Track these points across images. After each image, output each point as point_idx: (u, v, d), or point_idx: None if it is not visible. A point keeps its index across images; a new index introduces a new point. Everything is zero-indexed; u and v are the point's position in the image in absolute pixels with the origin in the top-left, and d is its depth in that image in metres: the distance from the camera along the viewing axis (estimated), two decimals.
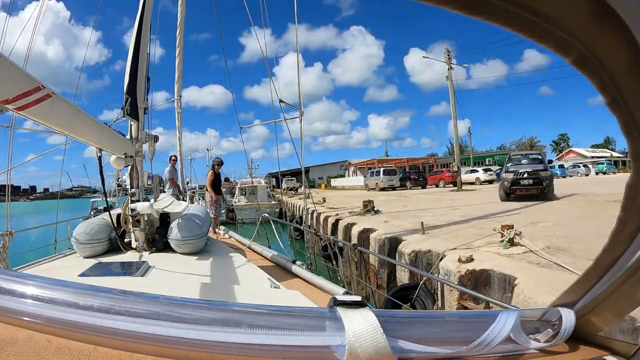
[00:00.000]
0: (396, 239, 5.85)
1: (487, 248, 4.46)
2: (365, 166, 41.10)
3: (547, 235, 5.06)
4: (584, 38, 0.35)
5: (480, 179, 26.96)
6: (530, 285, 3.06)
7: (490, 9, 0.32)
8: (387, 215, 9.10)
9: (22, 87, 1.52)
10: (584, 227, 5.66)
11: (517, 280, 3.27)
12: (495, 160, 39.65)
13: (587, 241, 4.47)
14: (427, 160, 43.35)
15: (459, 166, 20.90)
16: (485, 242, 4.72)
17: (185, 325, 0.51)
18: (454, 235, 5.56)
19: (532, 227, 5.85)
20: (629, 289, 0.55)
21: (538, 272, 3.43)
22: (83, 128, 2.41)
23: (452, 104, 20.74)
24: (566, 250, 4.06)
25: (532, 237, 4.68)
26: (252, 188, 22.69)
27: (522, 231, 4.57)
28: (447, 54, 21.09)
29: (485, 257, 4.02)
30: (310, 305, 2.05)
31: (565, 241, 4.57)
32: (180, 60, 6.38)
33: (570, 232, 5.26)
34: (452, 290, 3.79)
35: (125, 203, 3.33)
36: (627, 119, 0.38)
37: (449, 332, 0.63)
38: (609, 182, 18.32)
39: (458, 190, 19.06)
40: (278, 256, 4.21)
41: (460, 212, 8.83)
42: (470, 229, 6.09)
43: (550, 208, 8.56)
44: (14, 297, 0.52)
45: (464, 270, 3.74)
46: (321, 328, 0.54)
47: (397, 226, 7.08)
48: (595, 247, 2.86)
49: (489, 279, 3.57)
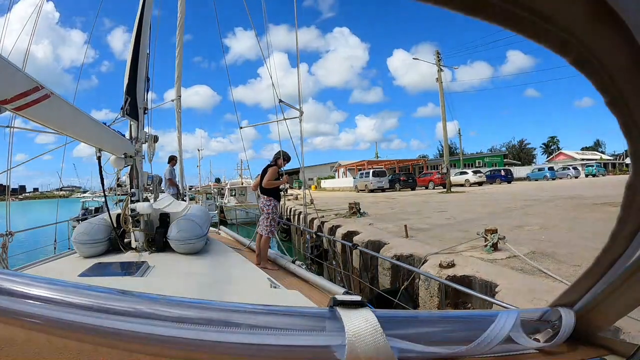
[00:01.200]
0: (379, 243, 5.75)
1: (470, 253, 4.38)
2: (355, 167, 41.11)
3: (532, 239, 5.03)
4: (584, 38, 0.35)
5: (470, 181, 27.08)
6: (511, 293, 2.98)
7: (490, 8, 0.32)
8: (373, 218, 9.08)
9: (21, 87, 1.52)
10: (570, 230, 5.65)
11: (498, 287, 3.19)
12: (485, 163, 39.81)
13: (573, 246, 4.44)
14: (417, 162, 43.32)
15: (448, 168, 20.99)
16: (469, 246, 4.64)
17: (185, 325, 0.51)
18: (438, 239, 5.50)
19: (518, 230, 5.83)
20: (629, 288, 0.55)
21: (521, 279, 3.35)
22: (82, 128, 2.42)
23: (441, 106, 20.76)
24: (551, 256, 4.01)
25: (517, 241, 4.63)
26: (242, 189, 22.79)
27: (507, 235, 4.51)
28: (437, 55, 21.04)
29: (468, 262, 3.95)
30: (310, 305, 2.05)
31: (550, 245, 4.53)
32: (180, 60, 6.39)
33: (556, 236, 5.24)
34: (433, 296, 3.75)
35: (125, 203, 3.33)
36: (627, 118, 0.38)
37: (449, 332, 0.63)
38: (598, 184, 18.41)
39: (447, 192, 19.15)
40: (278, 256, 4.21)
41: (446, 214, 8.83)
42: (455, 232, 6.03)
43: (537, 211, 8.57)
44: (14, 297, 0.52)
45: (444, 276, 3.65)
46: (321, 328, 0.54)
47: (382, 229, 7.03)
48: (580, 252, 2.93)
49: (470, 285, 3.47)
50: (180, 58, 6.36)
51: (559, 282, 3.16)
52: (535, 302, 2.70)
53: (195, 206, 4.52)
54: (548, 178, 30.53)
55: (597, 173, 33.48)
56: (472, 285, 3.48)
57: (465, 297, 3.52)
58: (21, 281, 0.55)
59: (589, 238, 4.84)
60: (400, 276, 4.71)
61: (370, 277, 5.51)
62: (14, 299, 0.52)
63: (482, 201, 11.90)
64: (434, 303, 3.74)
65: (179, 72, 6.39)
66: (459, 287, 2.77)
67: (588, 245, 4.35)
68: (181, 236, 3.24)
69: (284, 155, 4.38)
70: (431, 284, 3.80)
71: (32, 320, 0.50)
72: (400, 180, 28.05)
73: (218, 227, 6.94)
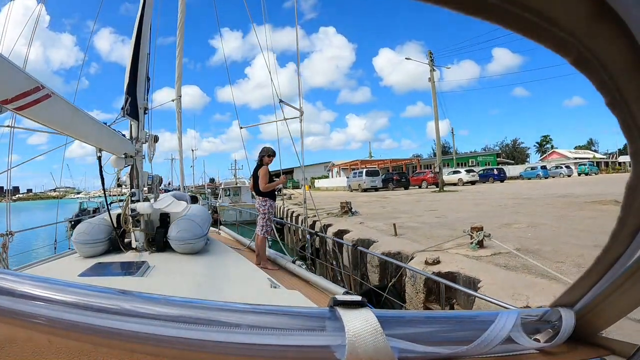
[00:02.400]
0: (368, 241, 5.85)
1: (456, 250, 4.46)
2: (348, 167, 41.29)
3: (519, 236, 5.08)
4: (584, 38, 0.35)
5: (463, 180, 27.21)
6: (492, 288, 3.07)
7: (490, 8, 0.32)
8: (364, 217, 9.13)
9: (22, 86, 1.52)
10: (557, 228, 5.68)
11: (480, 283, 3.28)
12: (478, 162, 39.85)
13: (558, 243, 4.48)
14: (410, 162, 43.46)
15: (440, 167, 21.05)
16: (456, 243, 4.72)
17: (185, 325, 0.51)
18: (427, 237, 5.56)
19: (505, 228, 5.88)
20: (629, 288, 0.55)
21: (503, 274, 3.44)
22: (83, 128, 2.42)
23: (434, 106, 20.83)
24: (535, 252, 4.06)
25: (504, 238, 4.68)
26: (235, 189, 22.76)
27: (494, 233, 4.56)
28: (429, 56, 21.09)
29: (453, 259, 4.02)
30: (310, 305, 2.05)
31: (536, 243, 4.58)
32: (180, 60, 6.40)
33: (543, 233, 5.28)
34: (419, 292, 3.84)
35: (125, 203, 3.34)
36: (627, 118, 0.38)
37: (449, 332, 0.63)
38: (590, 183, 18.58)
39: (440, 191, 19.21)
40: (278, 256, 4.21)
41: (437, 213, 8.88)
42: (444, 230, 6.09)
43: (527, 209, 8.61)
44: (14, 297, 0.52)
45: (429, 273, 3.73)
46: (321, 328, 0.54)
47: (372, 227, 7.10)
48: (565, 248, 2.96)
49: (454, 281, 3.56)
50: (180, 58, 6.37)
51: (540, 278, 3.26)
52: (516, 296, 2.83)
53: (195, 206, 4.52)
54: (541, 177, 30.65)
55: (589, 172, 33.68)
56: (456, 281, 3.58)
57: (450, 292, 3.63)
58: (21, 281, 0.55)
59: (575, 236, 4.91)
60: (388, 273, 4.83)
61: (360, 275, 5.63)
62: (14, 299, 0.52)
63: (474, 200, 11.97)
64: (420, 299, 3.83)
65: (179, 72, 6.40)
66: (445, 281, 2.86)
67: (574, 242, 4.41)
68: (181, 236, 3.24)
69: (268, 151, 4.27)
70: (417, 281, 3.89)
71: (32, 320, 0.50)
72: (394, 179, 28.14)
73: (218, 227, 6.95)
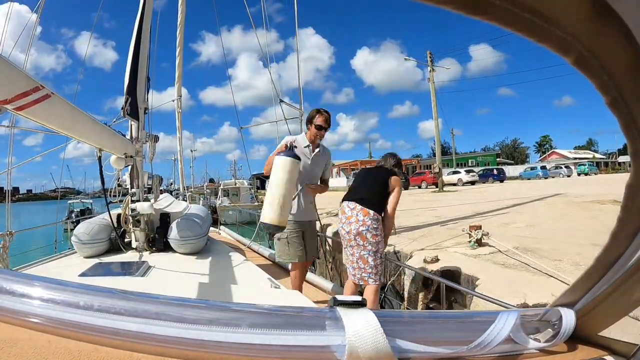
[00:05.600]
0: None
1: (455, 249, 4.46)
2: (348, 167, 41.61)
3: (517, 236, 5.08)
4: (584, 38, 0.35)
5: (463, 180, 27.21)
6: (489, 286, 3.10)
7: (490, 8, 0.32)
8: None
9: (21, 86, 1.52)
10: (556, 228, 5.69)
11: (478, 281, 3.30)
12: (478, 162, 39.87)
13: (557, 242, 4.48)
14: (410, 162, 43.76)
15: (440, 167, 21.06)
16: (454, 242, 4.71)
17: (185, 325, 0.51)
18: (425, 236, 5.55)
19: (504, 227, 5.88)
20: (629, 288, 0.55)
21: (501, 273, 3.46)
22: (83, 128, 2.41)
23: (433, 106, 20.73)
24: (534, 251, 4.06)
25: (502, 237, 4.69)
26: (235, 189, 22.75)
27: (492, 232, 4.57)
28: (429, 55, 20.97)
29: (452, 258, 4.03)
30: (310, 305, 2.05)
31: (535, 242, 4.59)
32: (181, 60, 6.39)
33: (542, 232, 5.28)
34: (418, 291, 3.87)
35: (125, 203, 3.33)
36: (627, 118, 0.38)
37: (449, 332, 0.63)
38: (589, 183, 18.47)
39: (439, 191, 19.22)
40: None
41: (436, 212, 8.85)
42: (442, 229, 6.09)
43: (526, 209, 8.59)
44: (14, 297, 0.52)
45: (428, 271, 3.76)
46: (321, 328, 0.54)
47: None
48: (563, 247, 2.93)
49: (453, 278, 3.60)
50: (180, 58, 6.36)
51: (538, 276, 3.28)
52: (513, 293, 2.85)
53: (196, 206, 4.51)
54: (541, 177, 30.71)
55: (589, 172, 33.69)
56: (455, 278, 3.59)
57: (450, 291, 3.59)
58: (21, 281, 0.55)
59: (573, 235, 4.90)
60: (387, 272, 4.82)
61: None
62: (15, 298, 0.52)
63: (473, 200, 11.88)
64: (419, 298, 3.85)
65: (179, 72, 6.39)
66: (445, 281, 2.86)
67: (572, 241, 4.41)
68: (182, 236, 3.24)
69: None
70: (415, 279, 3.91)
71: (32, 320, 0.50)
72: None
73: (218, 227, 6.95)
